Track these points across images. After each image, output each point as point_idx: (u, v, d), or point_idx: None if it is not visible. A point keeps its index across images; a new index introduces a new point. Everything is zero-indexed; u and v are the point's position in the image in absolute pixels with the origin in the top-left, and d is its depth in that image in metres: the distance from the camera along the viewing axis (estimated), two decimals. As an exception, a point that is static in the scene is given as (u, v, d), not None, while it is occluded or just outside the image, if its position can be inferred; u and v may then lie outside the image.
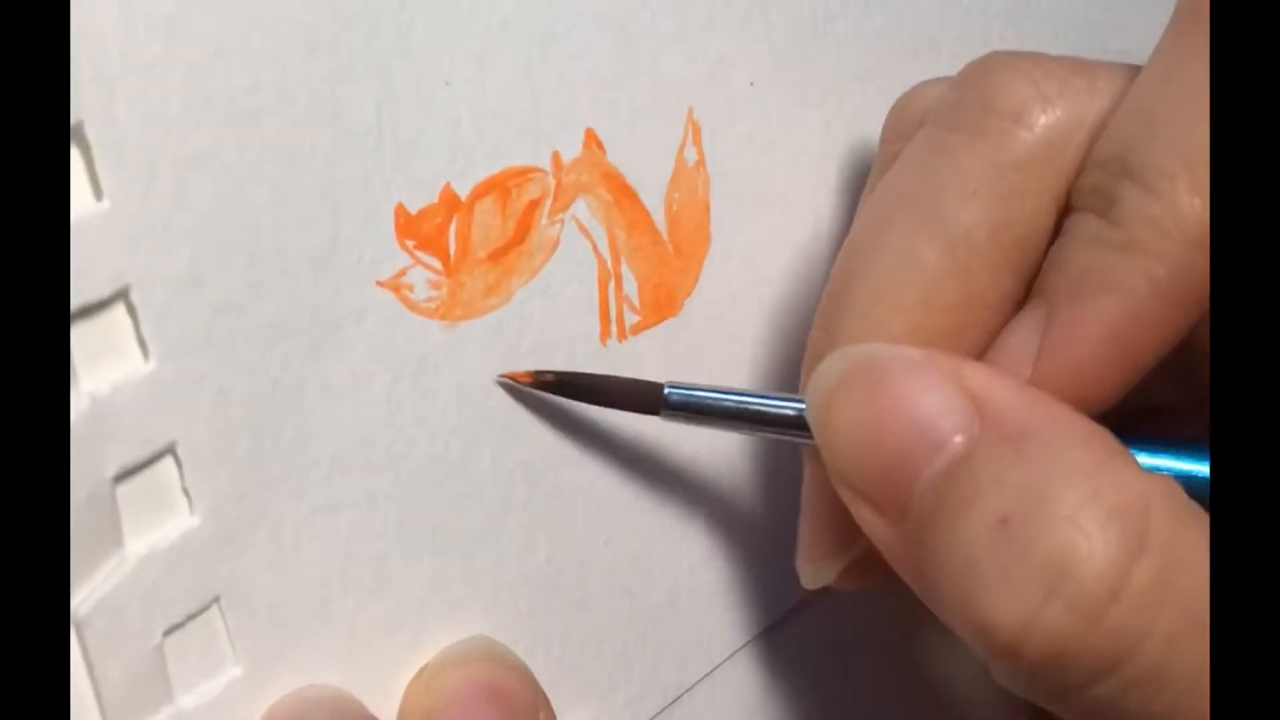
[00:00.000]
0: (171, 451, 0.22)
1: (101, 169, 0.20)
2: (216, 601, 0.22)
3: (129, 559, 0.21)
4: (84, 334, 0.20)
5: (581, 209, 0.27)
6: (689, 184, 0.29)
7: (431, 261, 0.25)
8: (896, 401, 0.22)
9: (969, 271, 0.24)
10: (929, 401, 0.22)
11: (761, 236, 0.31)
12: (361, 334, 0.24)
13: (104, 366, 0.21)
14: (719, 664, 0.30)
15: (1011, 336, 0.23)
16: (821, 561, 0.26)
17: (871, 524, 0.22)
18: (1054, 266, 0.23)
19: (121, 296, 0.21)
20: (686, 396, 0.26)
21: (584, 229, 0.27)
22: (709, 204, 0.29)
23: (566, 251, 0.27)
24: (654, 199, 0.28)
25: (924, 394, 0.22)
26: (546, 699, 0.25)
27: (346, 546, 0.24)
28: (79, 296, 0.20)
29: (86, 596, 0.21)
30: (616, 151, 0.28)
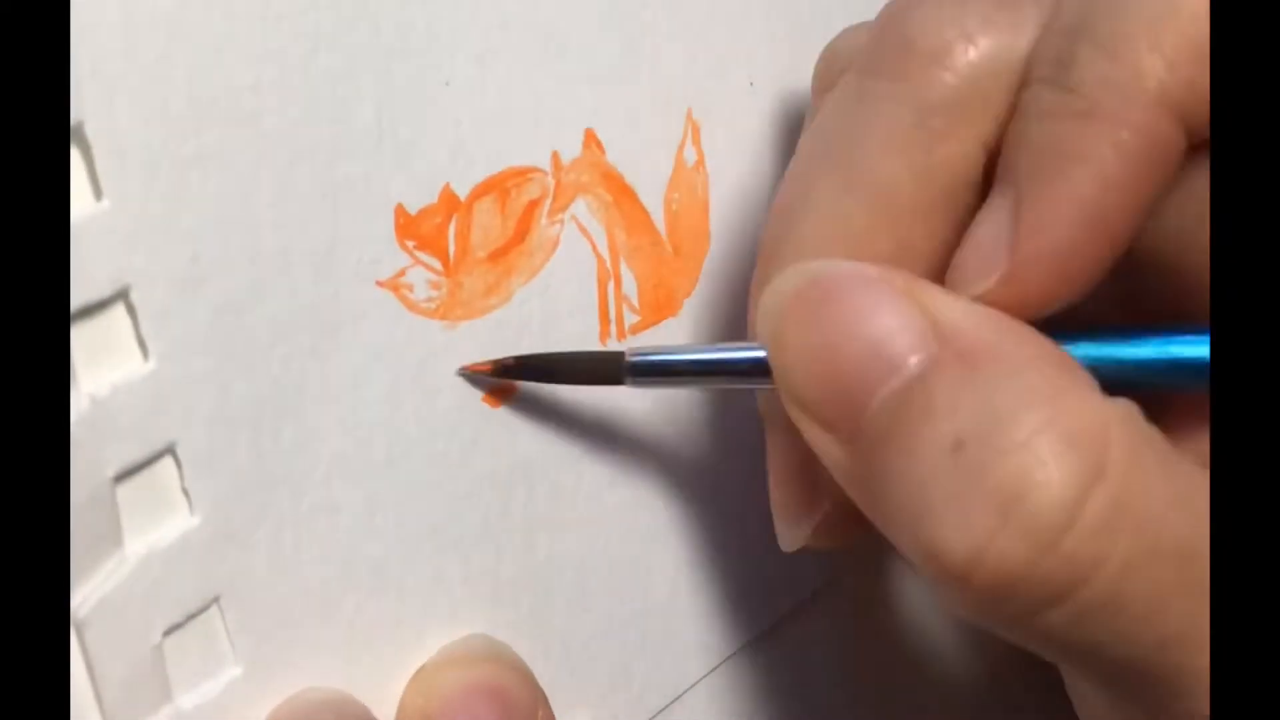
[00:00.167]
0: (171, 451, 0.22)
1: (101, 169, 0.20)
2: (216, 601, 0.22)
3: (129, 559, 0.21)
4: (84, 334, 0.20)
5: (581, 209, 0.27)
6: (688, 184, 0.29)
7: (431, 261, 0.25)
8: (851, 319, 0.21)
9: (897, 224, 0.23)
10: (884, 320, 0.21)
11: (761, 235, 0.31)
12: (361, 334, 0.24)
13: (104, 367, 0.21)
14: (719, 664, 0.30)
15: (981, 228, 0.22)
16: (794, 521, 0.26)
17: (822, 445, 0.22)
18: (1015, 145, 0.22)
19: (121, 296, 0.21)
20: (649, 361, 0.25)
21: (583, 229, 0.27)
22: (708, 204, 0.29)
23: (566, 251, 0.27)
24: (653, 199, 0.28)
25: (879, 312, 0.21)
26: (545, 699, 0.25)
27: (346, 546, 0.24)
28: (79, 297, 0.20)
29: (86, 597, 0.21)
30: (616, 151, 0.28)
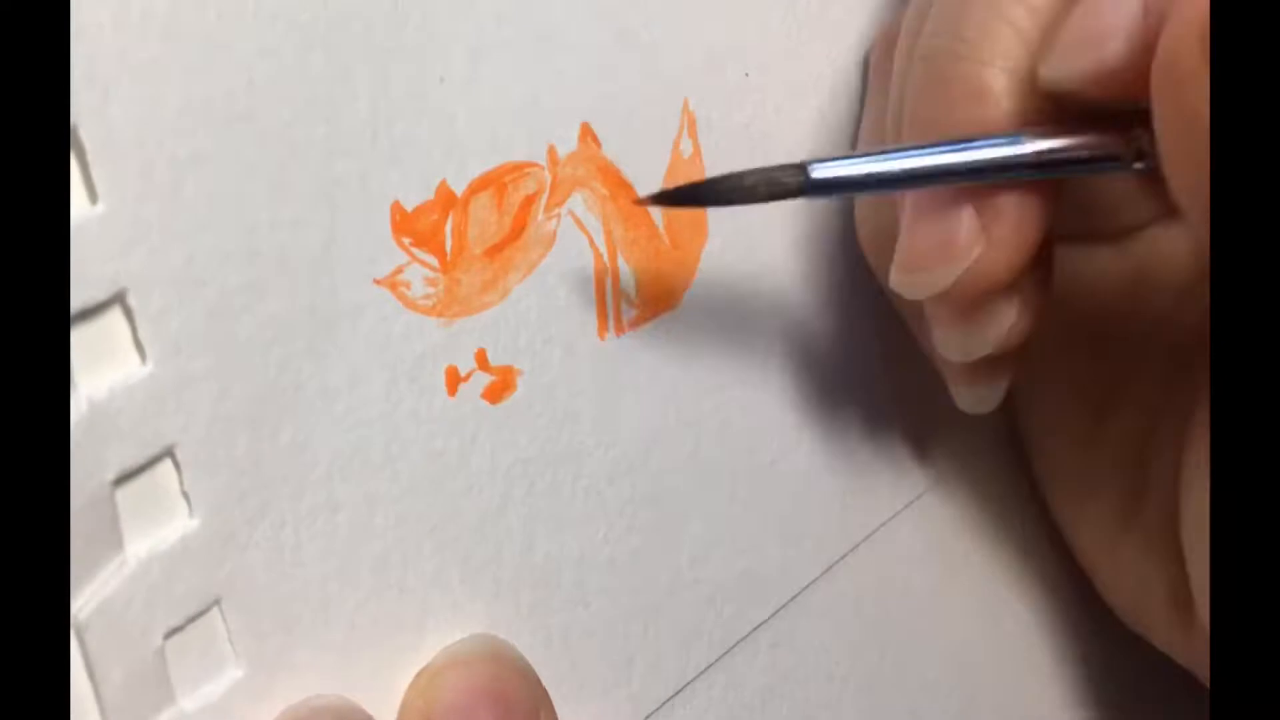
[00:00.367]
0: (170, 454, 0.22)
1: (96, 171, 0.20)
2: (217, 603, 0.22)
3: (129, 562, 0.21)
4: (81, 337, 0.20)
5: (578, 203, 0.27)
6: (685, 176, 0.29)
7: (428, 258, 0.25)
8: None
9: None
10: None
11: (758, 228, 0.31)
12: (359, 333, 0.24)
13: (101, 370, 0.21)
14: (720, 657, 0.30)
15: None
16: (922, 271, 0.25)
17: None
18: None
19: (118, 299, 0.21)
20: (829, 178, 0.24)
21: (580, 223, 0.27)
22: (705, 196, 0.29)
23: (563, 246, 0.27)
24: (650, 192, 0.28)
25: None
26: (548, 699, 0.25)
27: (346, 546, 0.24)
28: (75, 300, 0.20)
29: (87, 600, 0.21)
30: (612, 145, 0.28)
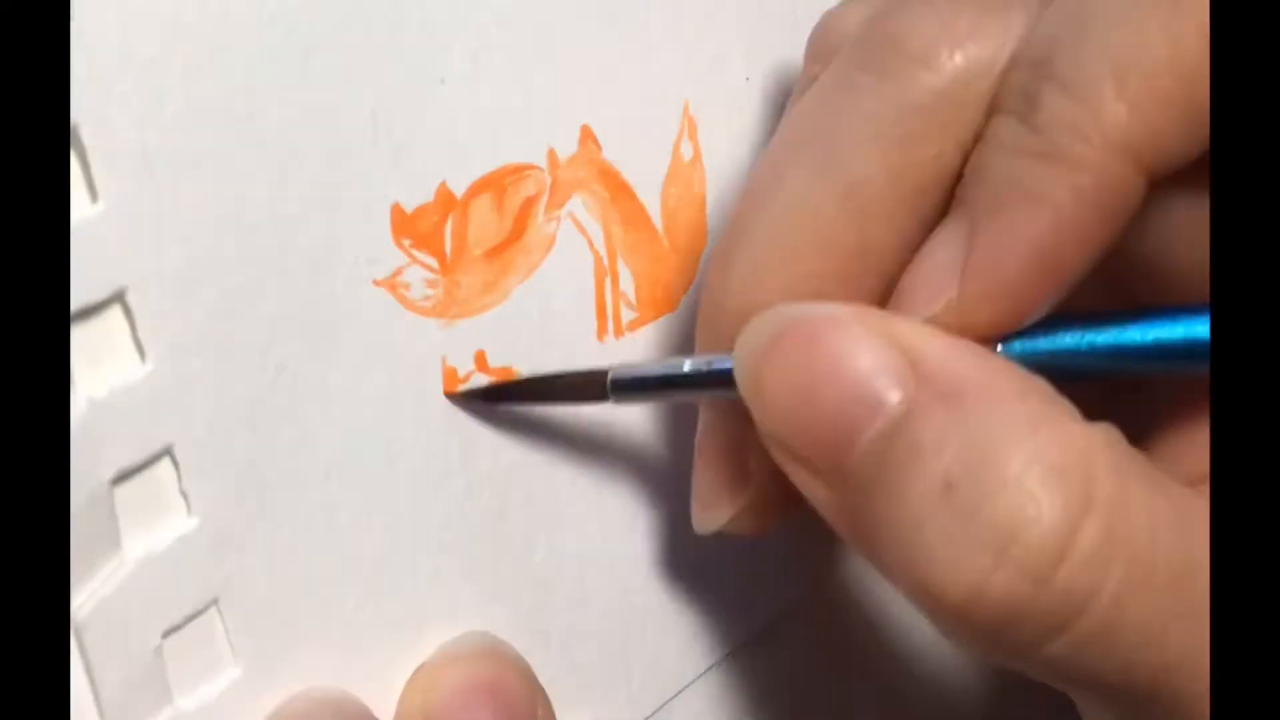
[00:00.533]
0: (169, 453, 0.22)
1: (97, 171, 0.20)
2: (215, 603, 0.22)
3: (127, 561, 0.21)
4: (80, 337, 0.20)
5: (577, 206, 0.27)
6: (685, 179, 0.29)
7: (428, 260, 0.25)
8: (829, 362, 0.21)
9: (866, 218, 0.23)
10: (862, 361, 0.21)
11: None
12: (358, 334, 0.24)
13: (101, 369, 0.21)
14: (719, 660, 0.30)
15: (934, 251, 0.23)
16: (713, 509, 0.26)
17: (809, 486, 0.22)
18: (975, 174, 0.22)
19: (118, 299, 0.21)
20: (631, 377, 0.25)
21: (580, 226, 0.27)
22: (705, 199, 0.29)
23: (563, 249, 0.27)
24: (650, 195, 0.28)
25: (857, 353, 0.21)
26: (545, 696, 0.25)
27: (345, 546, 0.24)
28: (75, 299, 0.20)
29: (85, 600, 0.21)
30: (612, 147, 0.28)
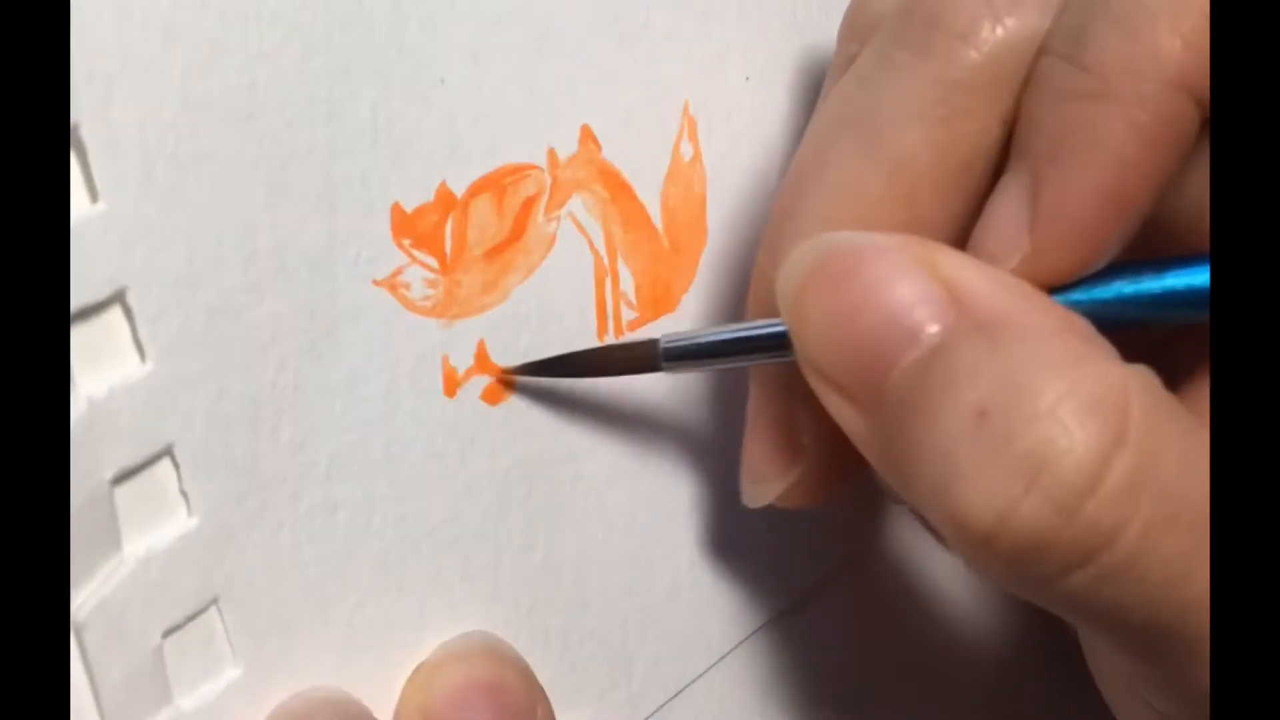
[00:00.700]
0: (169, 453, 0.22)
1: (97, 170, 0.20)
2: (215, 603, 0.22)
3: (127, 561, 0.21)
4: (81, 336, 0.20)
5: (577, 206, 0.27)
6: (685, 179, 0.29)
7: (428, 260, 0.25)
8: (870, 290, 0.21)
9: (913, 196, 0.23)
10: (903, 290, 0.21)
11: (758, 231, 0.31)
12: (358, 333, 0.24)
13: (101, 369, 0.21)
14: (719, 659, 0.30)
15: (999, 208, 0.23)
16: (764, 482, 0.26)
17: (844, 414, 0.22)
18: (1030, 124, 0.22)
19: (118, 298, 0.21)
20: (682, 345, 0.25)
21: (580, 226, 0.27)
22: (705, 199, 0.29)
23: (563, 249, 0.27)
24: (650, 195, 0.28)
25: (898, 282, 0.21)
26: (545, 695, 0.25)
27: (345, 546, 0.24)
28: (75, 299, 0.20)
29: (85, 599, 0.21)
30: (612, 147, 0.28)
